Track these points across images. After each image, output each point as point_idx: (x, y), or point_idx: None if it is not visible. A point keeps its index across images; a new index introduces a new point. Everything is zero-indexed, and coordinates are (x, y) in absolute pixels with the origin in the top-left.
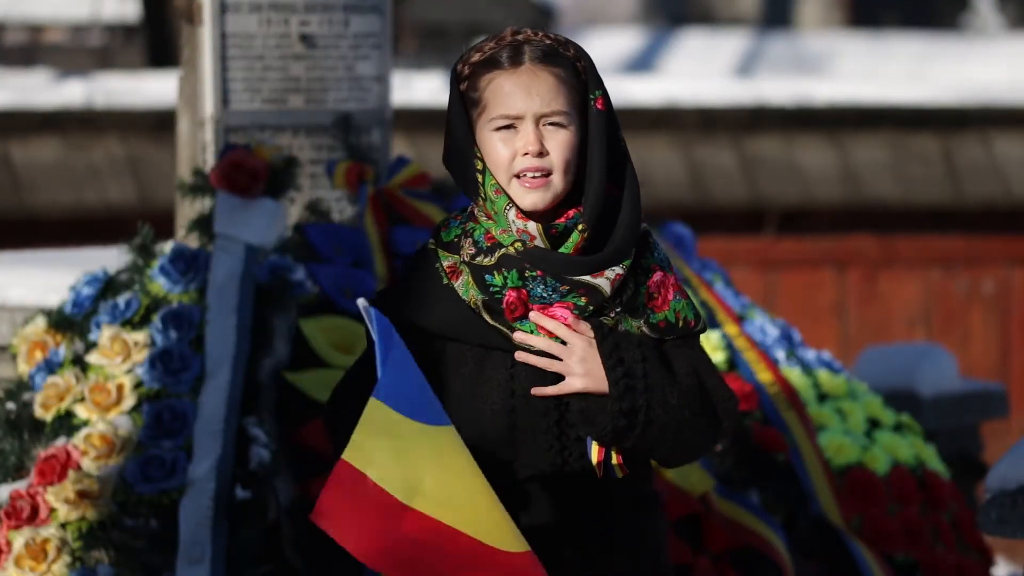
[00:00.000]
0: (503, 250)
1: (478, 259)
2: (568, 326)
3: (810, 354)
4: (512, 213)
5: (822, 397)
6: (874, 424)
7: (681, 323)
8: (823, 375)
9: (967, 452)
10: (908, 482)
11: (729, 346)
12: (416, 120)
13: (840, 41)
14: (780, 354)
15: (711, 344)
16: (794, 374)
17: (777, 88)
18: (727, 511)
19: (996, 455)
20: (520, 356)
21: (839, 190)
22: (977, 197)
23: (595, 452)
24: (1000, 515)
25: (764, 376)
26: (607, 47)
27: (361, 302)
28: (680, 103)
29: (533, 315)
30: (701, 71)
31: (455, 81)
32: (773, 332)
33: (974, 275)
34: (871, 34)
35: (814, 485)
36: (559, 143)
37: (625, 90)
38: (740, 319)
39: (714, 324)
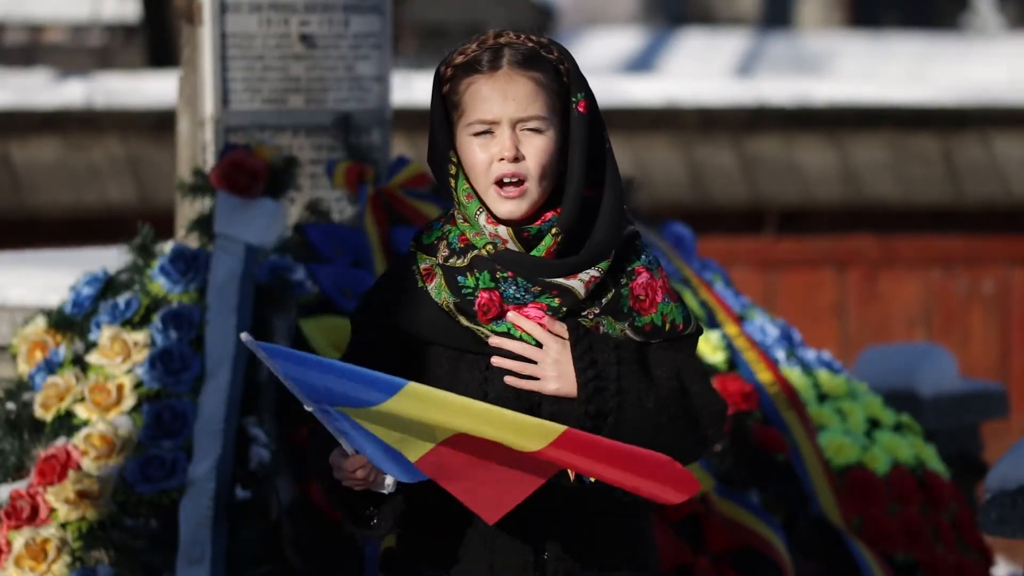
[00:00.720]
0: (475, 252)
1: (451, 261)
2: (543, 327)
3: (810, 354)
4: (483, 218)
5: (822, 397)
6: (874, 424)
7: (668, 326)
8: (823, 375)
9: (967, 452)
10: (908, 482)
11: (729, 346)
12: (416, 120)
13: (840, 41)
14: (780, 354)
15: (711, 344)
16: (794, 374)
17: (777, 88)
18: (727, 511)
19: (996, 455)
20: (496, 361)
21: (839, 190)
22: (977, 197)
23: None
24: (1000, 515)
25: (764, 376)
26: (607, 47)
27: (245, 336)
28: (680, 103)
29: (511, 315)
30: (701, 71)
31: (437, 83)
32: (773, 332)
33: (974, 275)
34: (871, 34)
35: (814, 485)
36: (535, 148)
37: (625, 90)
38: (740, 319)
39: (714, 324)
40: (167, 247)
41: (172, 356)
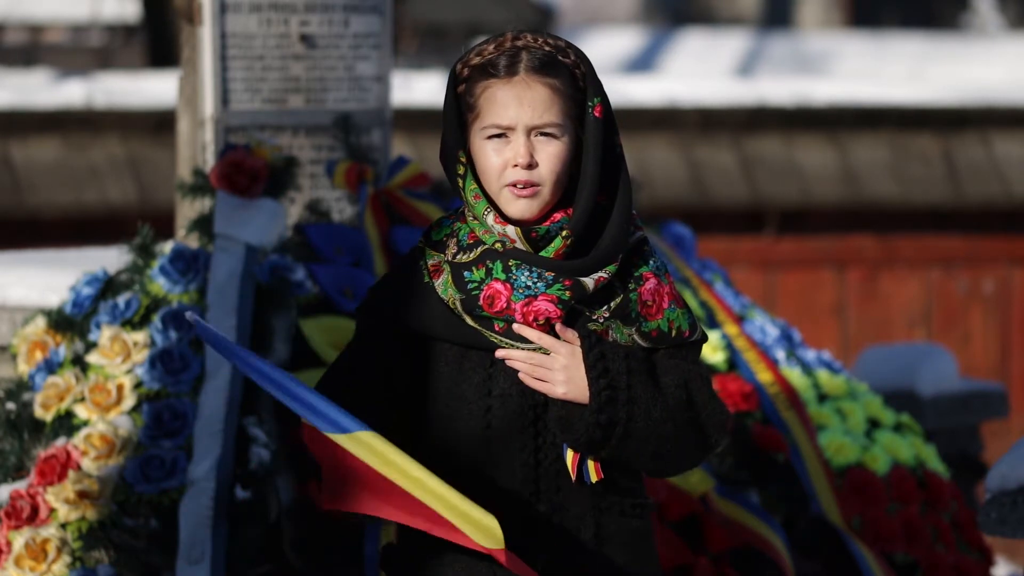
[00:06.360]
0: (485, 246)
1: (459, 257)
2: (555, 329)
3: (810, 354)
4: (491, 218)
5: (822, 397)
6: (874, 424)
7: (674, 333)
8: (823, 375)
9: (967, 452)
10: (908, 482)
11: (729, 346)
12: (416, 120)
13: (840, 41)
14: (780, 354)
15: (711, 344)
16: (794, 374)
17: (777, 88)
18: (727, 511)
19: (996, 455)
20: (501, 353)
21: (839, 190)
22: (977, 197)
23: (570, 457)
24: (1000, 515)
25: (764, 376)
26: (607, 47)
27: (189, 315)
28: (680, 103)
29: (516, 327)
30: (701, 71)
31: (452, 82)
32: (773, 332)
33: (974, 275)
34: (871, 34)
35: (814, 485)
36: (549, 155)
37: (625, 90)
38: (740, 319)
39: (714, 324)
40: (167, 247)
41: (172, 356)
